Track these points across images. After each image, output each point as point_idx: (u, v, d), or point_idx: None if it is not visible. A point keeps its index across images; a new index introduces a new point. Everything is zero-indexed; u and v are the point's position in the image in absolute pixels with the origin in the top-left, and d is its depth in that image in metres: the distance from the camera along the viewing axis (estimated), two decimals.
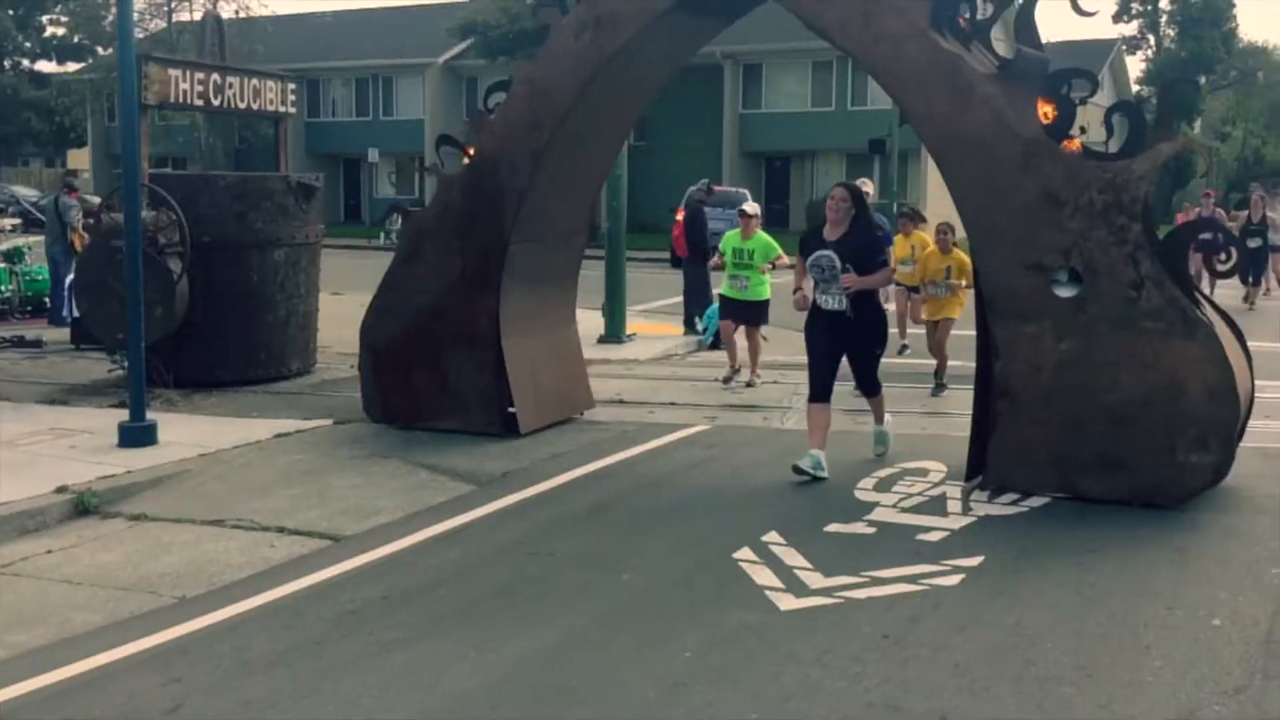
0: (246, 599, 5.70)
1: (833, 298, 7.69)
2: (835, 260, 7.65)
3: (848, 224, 7.76)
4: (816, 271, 7.74)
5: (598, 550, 6.38)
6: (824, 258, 7.67)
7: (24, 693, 4.65)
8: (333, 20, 45.00)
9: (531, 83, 8.70)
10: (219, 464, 8.26)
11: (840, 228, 7.76)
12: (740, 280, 11.20)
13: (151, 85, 10.42)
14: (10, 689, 4.66)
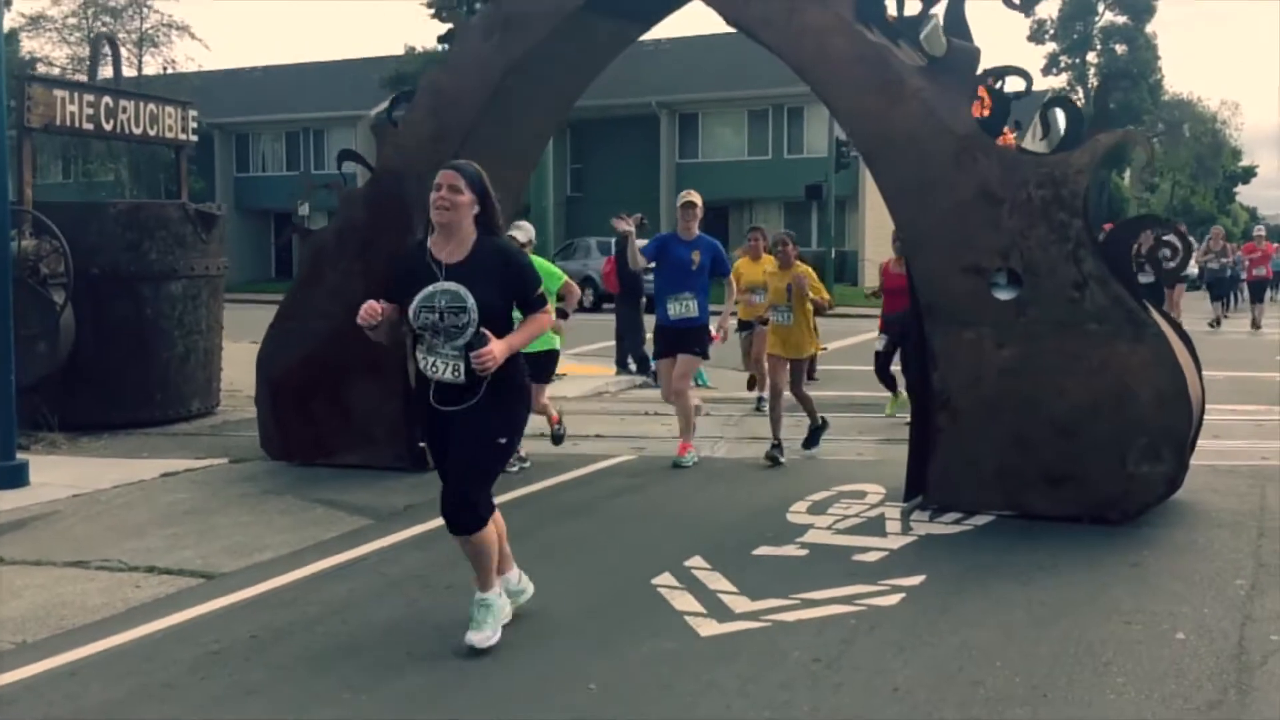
0: (94, 642, 4.99)
1: (443, 360, 4.52)
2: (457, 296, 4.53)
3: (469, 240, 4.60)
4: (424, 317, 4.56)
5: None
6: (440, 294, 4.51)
7: None
8: (263, 75, 44.42)
9: (437, 91, 8.19)
10: (94, 504, 7.53)
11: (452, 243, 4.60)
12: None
13: (36, 107, 9.77)
14: None
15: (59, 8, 40.68)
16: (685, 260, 8.41)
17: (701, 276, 8.46)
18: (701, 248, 8.48)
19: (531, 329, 4.73)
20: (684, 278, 8.39)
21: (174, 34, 40.96)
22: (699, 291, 8.46)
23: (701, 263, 8.42)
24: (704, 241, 8.55)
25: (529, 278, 4.74)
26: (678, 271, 8.42)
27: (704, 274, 8.46)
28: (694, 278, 8.41)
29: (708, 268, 8.47)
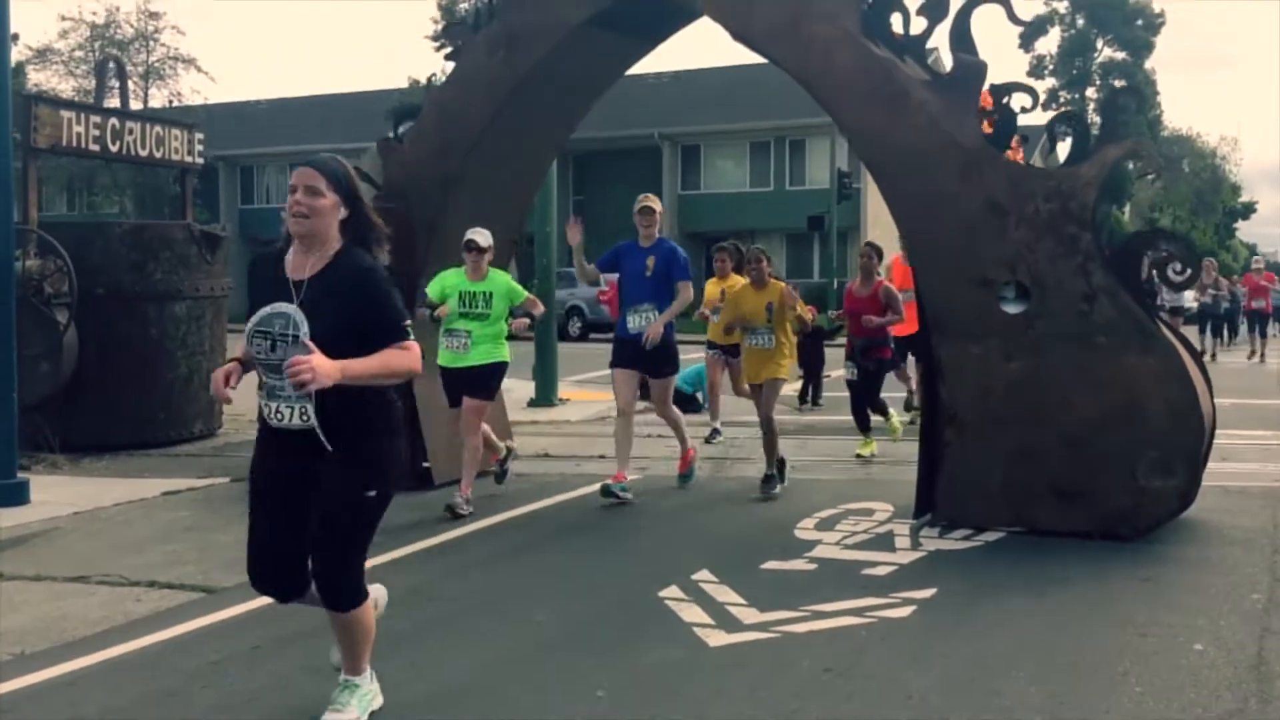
0: (94, 653, 4.93)
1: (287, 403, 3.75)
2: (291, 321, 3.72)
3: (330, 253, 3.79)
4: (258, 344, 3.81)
5: (505, 594, 5.69)
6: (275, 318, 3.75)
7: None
8: (268, 108, 44.67)
9: (442, 106, 8.20)
10: (95, 522, 7.47)
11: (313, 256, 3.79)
12: (458, 338, 7.43)
13: (42, 128, 9.78)
14: None
15: (66, 41, 41.07)
16: (640, 268, 7.74)
17: (660, 284, 7.72)
18: (657, 253, 7.75)
19: (384, 360, 3.63)
20: (640, 287, 7.72)
21: (180, 67, 41.28)
22: (660, 301, 7.68)
23: (657, 269, 7.71)
24: (661, 246, 7.81)
25: (387, 305, 3.72)
26: (634, 281, 7.77)
27: (662, 281, 7.73)
28: (652, 287, 7.69)
29: (664, 274, 7.74)
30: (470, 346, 7.39)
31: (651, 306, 7.67)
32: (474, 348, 7.40)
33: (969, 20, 7.03)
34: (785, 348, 7.90)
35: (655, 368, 7.77)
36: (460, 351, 7.41)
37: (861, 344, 9.56)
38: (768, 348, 7.83)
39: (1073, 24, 51.67)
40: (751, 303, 7.89)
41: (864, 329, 9.52)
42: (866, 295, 9.64)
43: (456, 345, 7.42)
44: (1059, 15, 51.52)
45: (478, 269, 7.47)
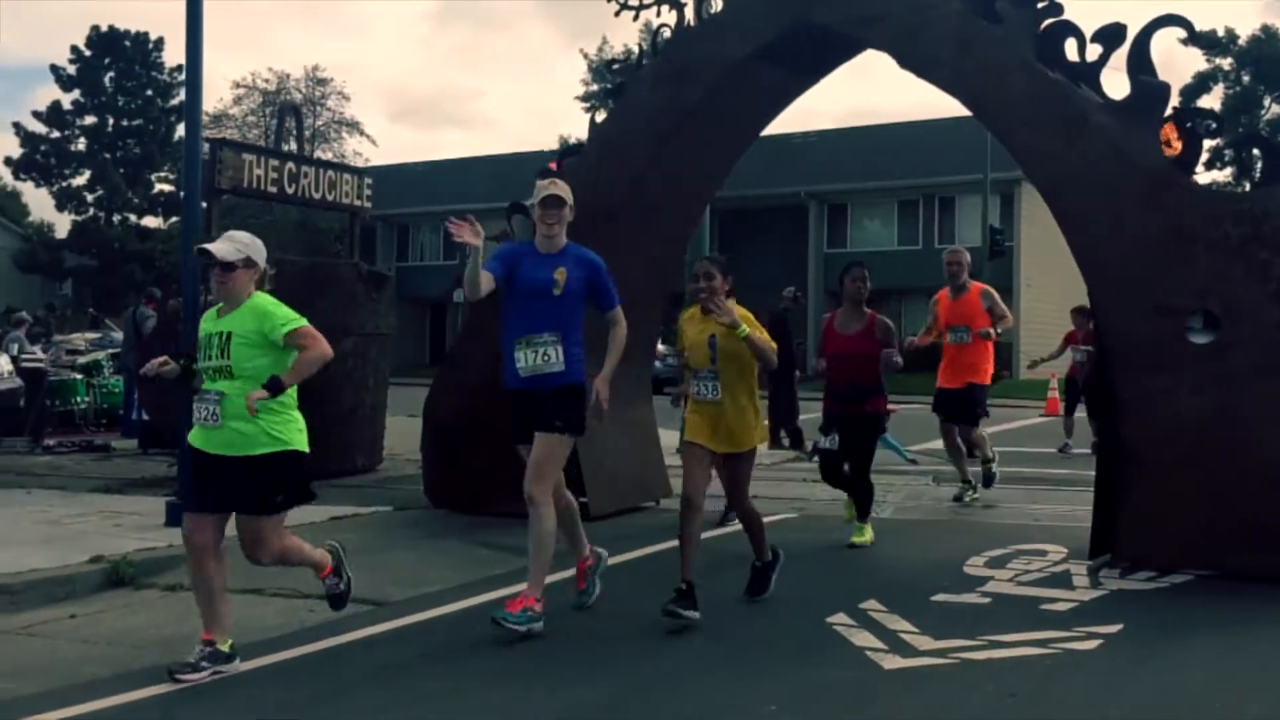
0: (273, 654, 5.07)
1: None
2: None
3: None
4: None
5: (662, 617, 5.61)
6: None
7: None
8: (425, 169, 46.28)
9: (605, 141, 8.32)
10: None
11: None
12: (206, 405, 4.85)
13: (225, 170, 10.27)
14: None
15: (239, 107, 43.41)
16: (542, 282, 5.37)
17: (569, 307, 5.40)
18: (570, 263, 5.44)
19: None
20: (538, 309, 5.37)
21: (344, 130, 43.14)
22: (565, 330, 5.39)
23: (570, 287, 5.38)
24: (575, 255, 5.49)
25: None
26: (529, 299, 5.39)
27: (574, 303, 5.43)
28: (556, 309, 5.38)
29: (580, 293, 5.43)
30: (221, 417, 4.76)
31: (553, 338, 5.36)
32: (225, 420, 4.75)
33: (1149, 42, 6.81)
34: (745, 399, 5.63)
35: (547, 420, 5.38)
36: (208, 424, 4.80)
37: (848, 393, 7.14)
38: (712, 399, 5.52)
39: (1238, 80, 49.87)
40: (692, 335, 5.69)
41: (847, 375, 7.17)
42: (855, 332, 7.24)
43: (203, 415, 4.81)
44: (1223, 72, 49.82)
45: (223, 292, 4.93)
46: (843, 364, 7.26)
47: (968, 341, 8.94)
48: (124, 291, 54.59)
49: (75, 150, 49.83)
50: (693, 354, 5.68)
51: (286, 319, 4.88)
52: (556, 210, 5.48)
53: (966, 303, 9.03)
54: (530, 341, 5.41)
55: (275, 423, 4.81)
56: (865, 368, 7.18)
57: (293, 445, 4.91)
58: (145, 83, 49.65)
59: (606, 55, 44.78)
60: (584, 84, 46.73)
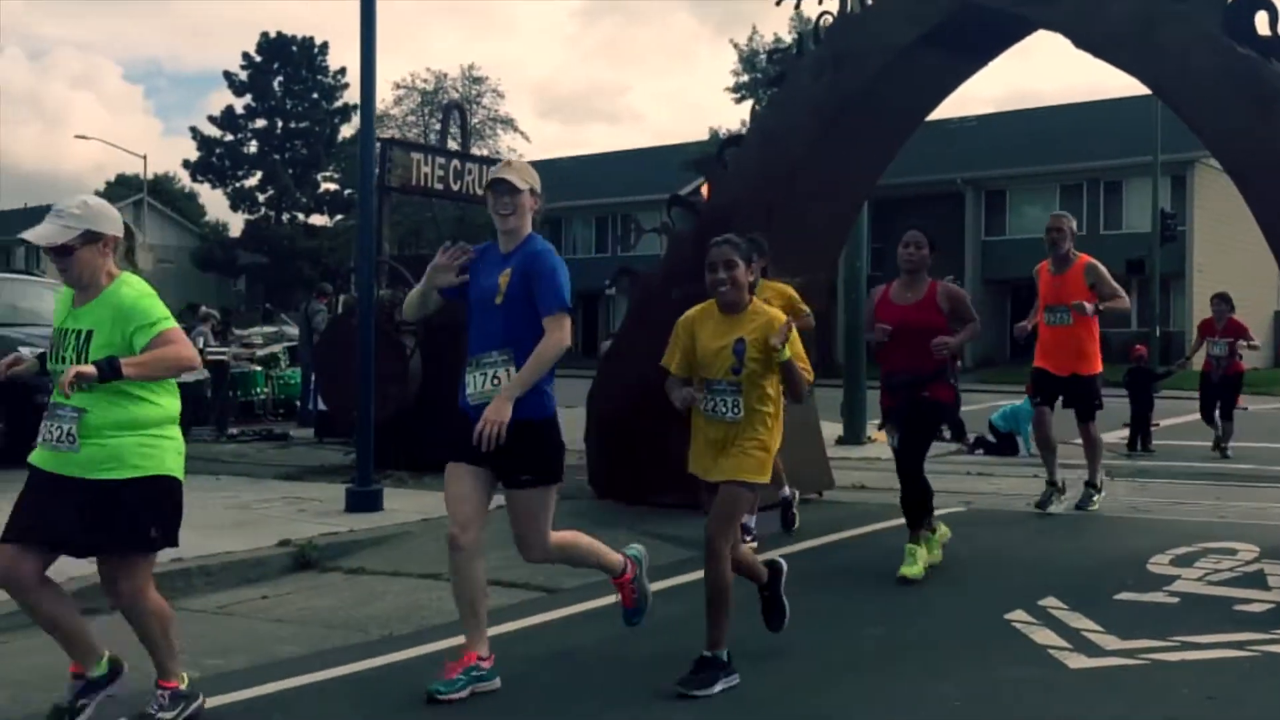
0: (450, 638, 5.20)
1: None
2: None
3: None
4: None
5: (835, 609, 5.59)
6: None
7: (213, 706, 4.27)
8: (574, 163, 46.89)
9: (765, 131, 8.29)
10: (439, 528, 7.88)
11: None
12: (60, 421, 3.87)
13: (394, 169, 10.62)
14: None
15: (399, 108, 44.73)
16: (486, 289, 4.45)
17: (519, 317, 4.39)
18: (515, 263, 4.41)
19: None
20: (486, 322, 4.46)
21: (499, 127, 44.02)
22: (521, 347, 4.37)
23: (512, 292, 4.39)
24: (525, 251, 4.44)
25: None
26: (479, 311, 4.50)
27: (525, 312, 4.39)
28: (503, 321, 4.40)
29: (520, 299, 4.37)
30: (77, 439, 3.81)
31: (504, 357, 4.39)
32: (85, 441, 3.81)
33: None
34: (766, 418, 4.50)
35: (511, 467, 4.49)
36: (60, 447, 3.83)
37: (903, 380, 6.16)
38: (731, 420, 4.47)
39: None
40: (708, 341, 4.57)
41: (907, 357, 6.06)
42: (914, 301, 6.18)
43: (55, 435, 3.85)
44: None
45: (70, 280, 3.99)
46: (895, 340, 6.09)
47: (1069, 324, 7.83)
48: (293, 287, 57.02)
49: (247, 153, 52.20)
50: (708, 362, 4.54)
51: (151, 318, 3.81)
52: (510, 198, 4.38)
53: (1069, 279, 7.88)
54: (479, 362, 4.40)
55: (144, 442, 3.82)
56: (924, 347, 5.97)
57: (167, 470, 3.87)
58: (311, 86, 51.65)
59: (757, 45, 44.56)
60: (734, 74, 46.52)
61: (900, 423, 6.22)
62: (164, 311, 3.86)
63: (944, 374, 6.08)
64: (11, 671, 4.71)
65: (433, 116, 42.21)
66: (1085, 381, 7.91)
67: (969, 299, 6.19)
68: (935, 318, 6.03)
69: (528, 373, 4.31)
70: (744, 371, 4.46)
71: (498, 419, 4.21)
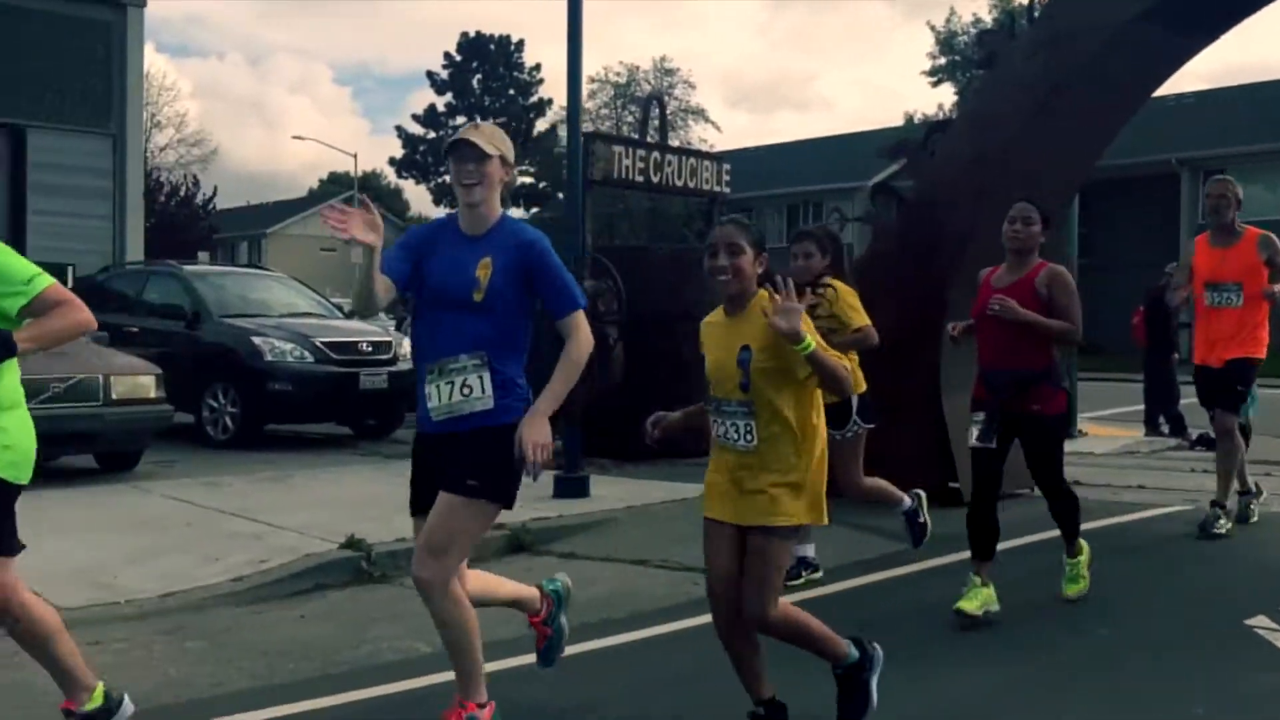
0: (670, 623, 5.35)
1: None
2: None
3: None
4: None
5: (1060, 608, 5.40)
6: None
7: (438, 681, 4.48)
8: (765, 152, 46.69)
9: (974, 115, 8.08)
10: (645, 515, 8.09)
11: None
12: None
13: (597, 162, 10.80)
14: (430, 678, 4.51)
15: (593, 101, 45.54)
16: (457, 280, 3.69)
17: (500, 314, 3.67)
18: (497, 249, 3.70)
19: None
20: (454, 320, 3.68)
21: (690, 118, 44.25)
22: (497, 349, 3.68)
23: (496, 285, 3.65)
24: (508, 235, 3.75)
25: None
26: (441, 306, 3.73)
27: (507, 309, 3.68)
28: (479, 319, 3.67)
29: (515, 293, 3.69)
30: None
31: (476, 363, 3.66)
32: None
33: None
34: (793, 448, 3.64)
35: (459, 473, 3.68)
36: None
37: (1005, 380, 5.24)
38: (745, 449, 3.68)
39: None
40: (715, 346, 3.82)
41: (1005, 351, 5.25)
42: (1012, 282, 5.34)
43: None
44: None
45: None
46: (994, 331, 5.21)
47: (1237, 305, 6.74)
48: None
49: None
50: (715, 377, 3.73)
51: (24, 275, 3.31)
52: (475, 166, 3.66)
53: (1237, 253, 6.81)
54: (443, 369, 3.66)
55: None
56: (1026, 340, 5.16)
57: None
58: (508, 82, 53.12)
59: (955, 27, 43.34)
60: (930, 58, 45.51)
61: (995, 427, 5.23)
62: (33, 269, 3.36)
63: (1051, 375, 5.24)
64: (268, 641, 5.04)
65: (625, 109, 42.81)
66: (1242, 365, 6.81)
67: (1073, 288, 5.23)
68: (1029, 305, 5.17)
69: (561, 383, 3.65)
70: (754, 387, 3.58)
71: (542, 440, 3.51)
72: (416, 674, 4.49)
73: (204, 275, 13.12)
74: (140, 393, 8.97)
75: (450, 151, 3.73)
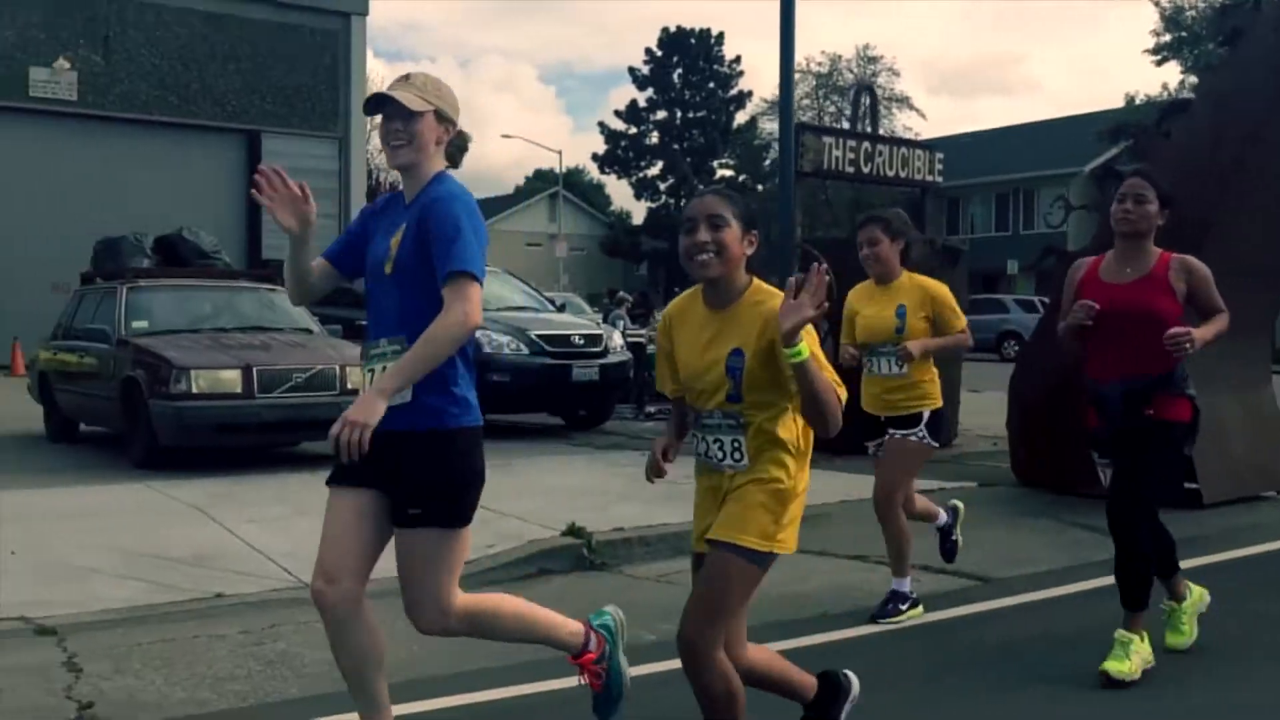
0: (882, 624, 5.26)
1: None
2: None
3: None
4: None
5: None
6: None
7: (665, 669, 4.55)
8: (972, 139, 45.29)
9: (1215, 95, 7.63)
10: (858, 510, 7.96)
11: None
12: None
13: (806, 153, 10.75)
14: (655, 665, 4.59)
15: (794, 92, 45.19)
16: (375, 255, 3.31)
17: (413, 290, 3.20)
18: (411, 217, 3.22)
19: None
20: (376, 300, 3.32)
21: (894, 106, 43.37)
22: (415, 330, 3.13)
23: (402, 258, 3.20)
24: (423, 202, 3.21)
25: None
26: (372, 290, 3.35)
27: (411, 280, 3.20)
28: (394, 297, 3.25)
29: (413, 265, 3.18)
30: None
31: (395, 348, 3.20)
32: None
33: None
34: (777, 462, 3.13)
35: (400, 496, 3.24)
36: None
37: (1117, 391, 4.32)
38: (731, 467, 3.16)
39: None
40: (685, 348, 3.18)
41: (1123, 358, 4.29)
42: (1134, 278, 4.35)
43: None
44: None
45: None
46: (1104, 334, 4.28)
47: None
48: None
49: (649, 144, 54.72)
50: (693, 385, 3.14)
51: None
52: (402, 125, 3.19)
53: None
54: (368, 354, 3.27)
55: None
56: (1147, 343, 4.17)
57: None
58: (708, 76, 53.28)
59: (1181, 2, 40.97)
60: (1153, 35, 43.07)
61: (1115, 455, 4.34)
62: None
63: (1175, 381, 4.28)
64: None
65: (826, 99, 42.30)
66: None
67: (1213, 279, 4.35)
68: (1163, 302, 4.24)
69: (412, 361, 3.03)
70: (745, 400, 3.01)
71: (360, 420, 2.95)
72: (642, 660, 4.58)
73: None
74: None
75: (373, 110, 3.23)
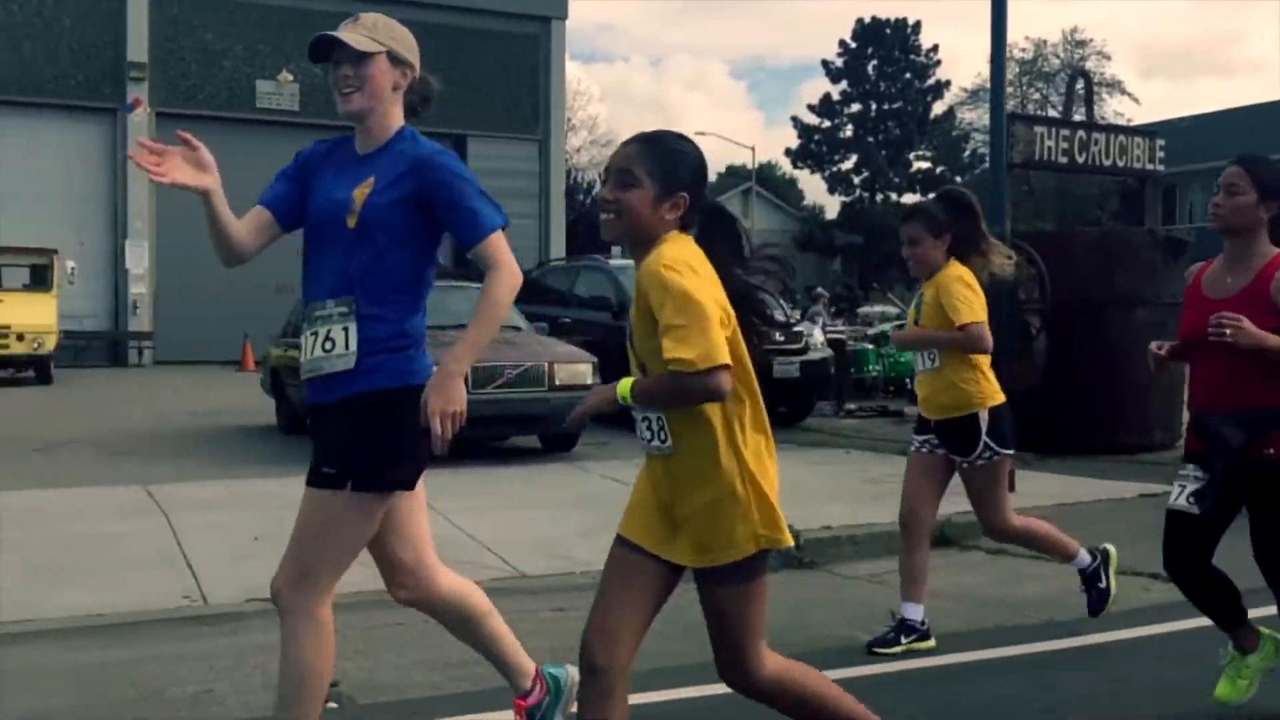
0: (1122, 629, 5.09)
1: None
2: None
3: None
4: None
5: None
6: None
7: (881, 671, 4.52)
8: (1192, 124, 42.83)
9: None
10: (1075, 513, 7.72)
11: None
12: None
13: (1017, 144, 10.41)
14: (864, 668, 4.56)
15: None
16: (333, 205, 3.03)
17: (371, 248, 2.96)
18: (384, 168, 3.00)
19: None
20: (325, 256, 3.04)
21: (1105, 91, 41.48)
22: (367, 292, 2.96)
23: (371, 211, 2.96)
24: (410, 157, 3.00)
25: None
26: (318, 239, 3.07)
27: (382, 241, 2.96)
28: (349, 254, 2.98)
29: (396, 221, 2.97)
30: None
31: (343, 310, 2.97)
32: None
33: None
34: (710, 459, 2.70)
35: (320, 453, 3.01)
36: None
37: (1223, 424, 3.69)
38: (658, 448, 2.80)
39: None
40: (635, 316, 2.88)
41: (1224, 386, 3.76)
42: (1235, 291, 3.79)
43: None
44: None
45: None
46: (1213, 358, 3.75)
47: None
48: (885, 266, 58.13)
49: (843, 137, 53.93)
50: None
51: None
52: (353, 69, 2.97)
53: None
54: (311, 316, 3.02)
55: None
56: (1254, 368, 3.64)
57: None
58: (904, 67, 52.11)
59: None
60: None
61: (1214, 491, 3.70)
62: None
63: None
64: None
65: (1031, 86, 40.79)
66: None
67: None
68: (1266, 323, 3.60)
69: (479, 329, 2.90)
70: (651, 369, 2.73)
71: (451, 407, 2.81)
72: (850, 664, 4.55)
73: (626, 269, 13.95)
74: (579, 379, 9.68)
75: (321, 54, 2.99)
